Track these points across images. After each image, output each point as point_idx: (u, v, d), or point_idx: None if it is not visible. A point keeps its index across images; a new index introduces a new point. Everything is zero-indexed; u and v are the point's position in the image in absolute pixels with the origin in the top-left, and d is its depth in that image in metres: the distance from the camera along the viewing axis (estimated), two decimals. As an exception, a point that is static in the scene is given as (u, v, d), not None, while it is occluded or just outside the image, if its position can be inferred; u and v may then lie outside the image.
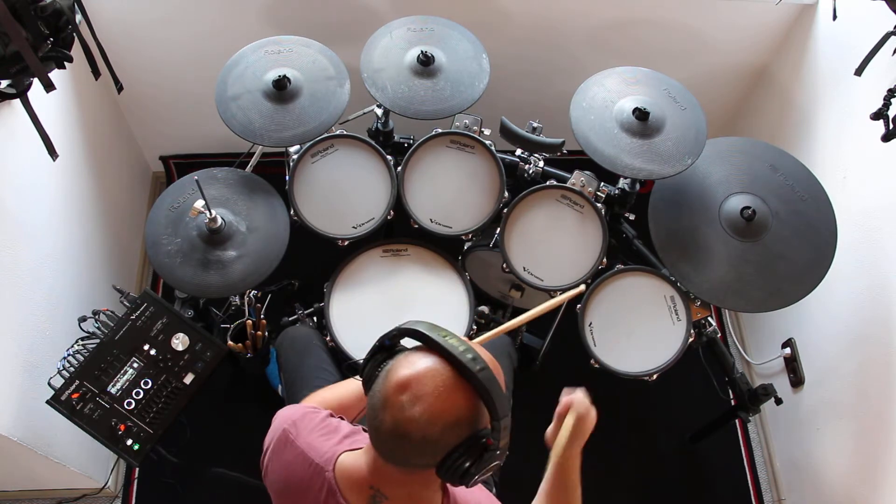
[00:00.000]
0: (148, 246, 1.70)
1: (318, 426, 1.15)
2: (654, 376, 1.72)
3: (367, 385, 1.02)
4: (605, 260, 1.77)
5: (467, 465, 0.94)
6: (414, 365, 0.95)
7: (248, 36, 1.81)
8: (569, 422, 1.13)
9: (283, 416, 1.18)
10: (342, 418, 1.22)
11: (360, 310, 1.81)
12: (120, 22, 1.99)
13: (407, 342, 1.03)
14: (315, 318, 1.97)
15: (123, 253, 2.34)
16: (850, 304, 1.88)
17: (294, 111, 1.73)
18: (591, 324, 1.75)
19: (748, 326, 2.50)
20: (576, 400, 1.15)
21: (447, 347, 0.94)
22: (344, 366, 1.76)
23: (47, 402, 1.54)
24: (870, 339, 1.80)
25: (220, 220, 1.68)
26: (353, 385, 1.35)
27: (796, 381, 2.11)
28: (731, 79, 2.39)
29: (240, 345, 1.93)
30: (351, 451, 1.09)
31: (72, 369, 1.58)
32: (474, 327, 1.83)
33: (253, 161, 2.05)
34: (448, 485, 1.09)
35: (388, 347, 1.04)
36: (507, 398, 0.97)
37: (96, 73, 1.70)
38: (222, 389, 2.22)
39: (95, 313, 1.66)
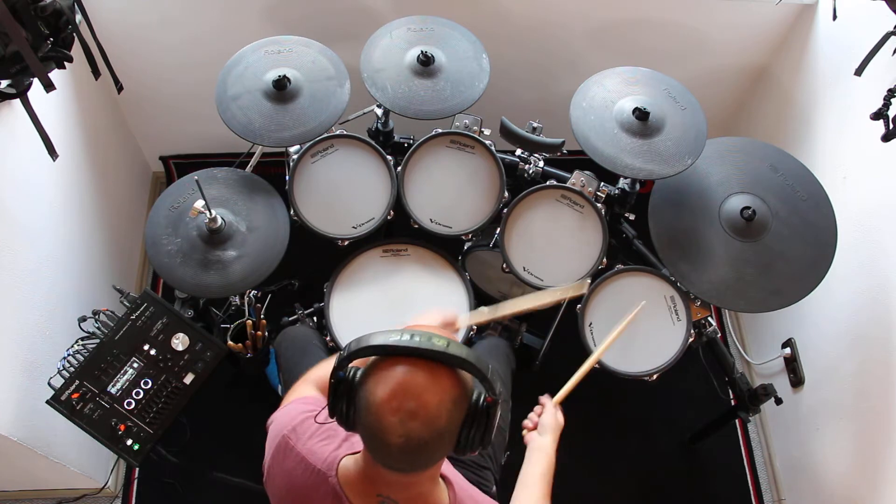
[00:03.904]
0: (148, 246, 1.70)
1: (318, 431, 1.14)
2: (655, 376, 1.72)
3: (348, 422, 0.98)
4: (605, 260, 1.77)
5: (483, 430, 0.95)
6: (386, 379, 0.92)
7: (248, 36, 1.81)
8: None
9: (281, 423, 1.17)
10: None
11: (360, 310, 1.81)
12: (120, 22, 1.99)
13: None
14: (315, 318, 1.97)
15: (123, 253, 2.33)
16: (850, 304, 1.88)
17: (294, 111, 1.72)
18: (591, 324, 1.75)
19: (748, 326, 2.50)
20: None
21: (403, 345, 0.92)
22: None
23: (47, 402, 1.54)
24: (870, 340, 1.80)
25: (220, 220, 1.68)
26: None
27: (796, 381, 2.11)
28: (731, 79, 2.39)
29: (240, 345, 1.93)
30: (352, 455, 1.09)
31: (72, 369, 1.58)
32: (474, 327, 1.83)
33: (253, 161, 2.05)
34: (444, 474, 1.09)
35: (343, 379, 0.97)
36: (497, 374, 0.96)
37: (96, 73, 1.70)
38: (222, 389, 2.22)
39: (95, 313, 1.66)
